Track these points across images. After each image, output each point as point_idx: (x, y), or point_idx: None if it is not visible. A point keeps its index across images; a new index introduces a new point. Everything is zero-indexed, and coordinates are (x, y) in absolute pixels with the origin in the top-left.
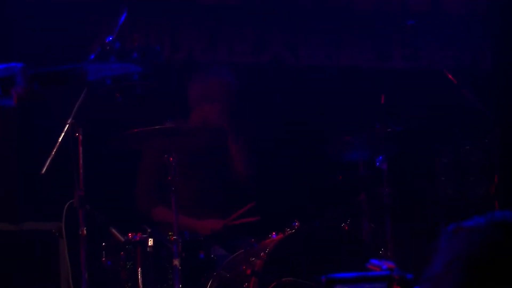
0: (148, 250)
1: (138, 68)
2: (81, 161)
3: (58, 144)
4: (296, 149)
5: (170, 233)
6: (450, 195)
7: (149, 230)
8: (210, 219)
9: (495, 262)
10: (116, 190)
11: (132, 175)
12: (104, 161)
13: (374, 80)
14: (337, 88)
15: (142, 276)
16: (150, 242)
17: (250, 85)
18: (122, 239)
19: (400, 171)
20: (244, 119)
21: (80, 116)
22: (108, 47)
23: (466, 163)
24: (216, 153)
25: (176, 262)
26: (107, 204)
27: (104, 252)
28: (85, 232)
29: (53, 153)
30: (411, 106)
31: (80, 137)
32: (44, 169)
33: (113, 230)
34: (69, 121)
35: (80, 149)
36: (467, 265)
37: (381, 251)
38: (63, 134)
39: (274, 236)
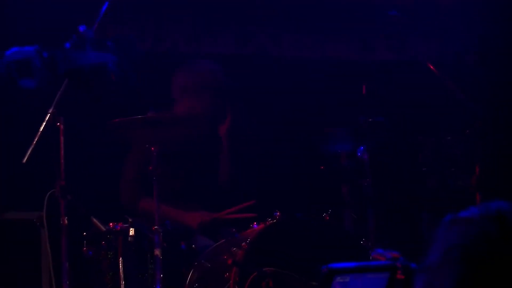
0: (129, 240)
1: (113, 57)
2: (62, 151)
3: (39, 133)
4: (277, 140)
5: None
6: (431, 186)
7: (130, 220)
8: (198, 212)
9: (488, 254)
10: (98, 180)
11: (114, 166)
12: (87, 151)
13: (358, 72)
14: (320, 79)
15: (123, 266)
16: (132, 232)
17: (234, 77)
18: (103, 228)
19: (383, 162)
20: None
21: (62, 105)
22: (82, 37)
23: (447, 155)
24: (204, 144)
25: (157, 252)
26: (89, 194)
27: (85, 241)
28: (66, 221)
29: (34, 142)
30: (395, 97)
31: (62, 126)
32: (26, 159)
33: (95, 220)
34: (50, 111)
35: (62, 138)
36: (462, 256)
37: (363, 241)
38: (44, 123)
39: (255, 226)
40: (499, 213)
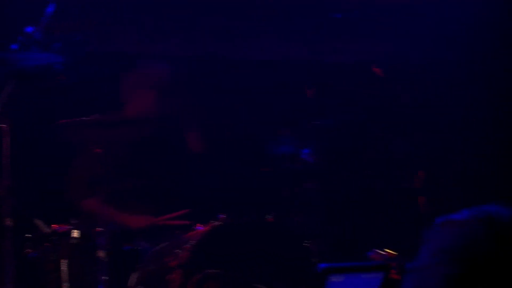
0: (73, 241)
1: (60, 58)
2: (8, 152)
3: None
4: (224, 143)
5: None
6: (376, 188)
7: (74, 222)
8: (138, 215)
9: (476, 256)
10: (43, 181)
11: (59, 167)
12: (32, 152)
13: (305, 74)
14: (268, 81)
15: (67, 268)
16: (75, 233)
17: (184, 79)
18: (47, 230)
19: (327, 165)
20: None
21: (7, 106)
22: (29, 38)
23: (392, 157)
24: (153, 146)
25: (101, 253)
26: (33, 196)
27: (29, 243)
28: (10, 223)
29: None
30: (341, 100)
31: (7, 127)
32: None
33: (38, 222)
34: None
35: (7, 139)
36: (451, 258)
37: (307, 243)
38: None
39: (199, 228)
40: (488, 216)
